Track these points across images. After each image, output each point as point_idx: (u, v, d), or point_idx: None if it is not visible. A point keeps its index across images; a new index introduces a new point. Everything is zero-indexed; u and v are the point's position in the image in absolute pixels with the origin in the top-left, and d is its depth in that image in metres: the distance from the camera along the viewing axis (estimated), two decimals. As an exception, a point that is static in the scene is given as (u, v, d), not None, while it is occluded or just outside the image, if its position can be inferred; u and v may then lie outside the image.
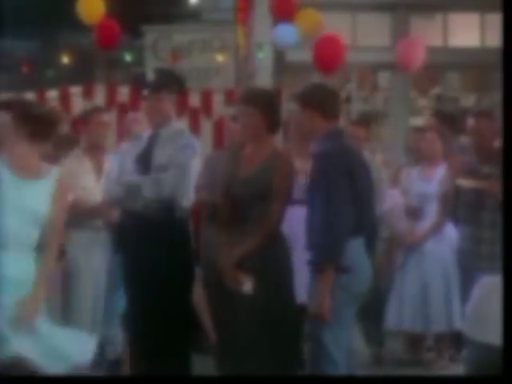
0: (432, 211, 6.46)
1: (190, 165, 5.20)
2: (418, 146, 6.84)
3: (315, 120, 4.61)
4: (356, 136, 6.29)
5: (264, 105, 4.73)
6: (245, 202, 4.67)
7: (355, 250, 4.46)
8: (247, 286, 4.60)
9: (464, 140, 6.41)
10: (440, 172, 6.51)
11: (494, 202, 5.21)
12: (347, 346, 4.57)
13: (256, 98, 4.77)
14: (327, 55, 8.00)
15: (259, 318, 4.59)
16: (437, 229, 6.45)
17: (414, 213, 6.52)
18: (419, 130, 7.24)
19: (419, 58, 8.14)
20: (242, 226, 4.66)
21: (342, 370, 4.46)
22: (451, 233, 6.46)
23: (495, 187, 5.09)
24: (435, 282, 6.42)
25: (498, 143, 5.45)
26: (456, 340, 6.46)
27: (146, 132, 5.49)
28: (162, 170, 5.20)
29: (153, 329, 5.19)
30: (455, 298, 6.31)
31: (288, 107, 6.54)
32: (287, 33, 8.73)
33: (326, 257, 4.36)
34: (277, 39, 8.92)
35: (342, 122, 5.37)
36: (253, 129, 4.73)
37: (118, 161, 5.58)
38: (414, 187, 6.57)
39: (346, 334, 4.55)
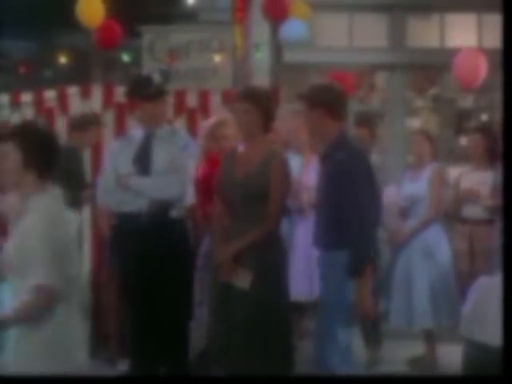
0: (420, 211, 6.49)
1: (189, 166, 5.22)
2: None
3: (324, 120, 4.64)
4: (361, 137, 6.35)
5: (260, 103, 4.73)
6: (242, 202, 4.67)
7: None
8: (244, 281, 4.60)
9: None
10: (427, 173, 6.56)
11: None
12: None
13: (252, 96, 4.78)
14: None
15: (253, 316, 4.59)
16: (422, 228, 6.46)
17: (402, 213, 6.58)
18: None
19: (480, 72, 7.50)
20: (240, 225, 4.67)
21: (351, 368, 4.51)
22: (441, 232, 6.49)
23: None
24: (421, 279, 6.44)
25: None
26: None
27: (136, 132, 5.48)
28: (163, 171, 5.21)
29: (153, 328, 5.20)
30: (441, 295, 6.35)
31: (286, 108, 6.54)
32: (295, 29, 8.72)
33: (367, 260, 4.43)
34: (284, 35, 8.90)
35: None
36: (248, 126, 4.73)
37: (111, 161, 5.53)
38: (404, 188, 6.62)
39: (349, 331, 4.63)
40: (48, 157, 3.61)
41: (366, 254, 4.48)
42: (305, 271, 6.43)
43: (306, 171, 6.35)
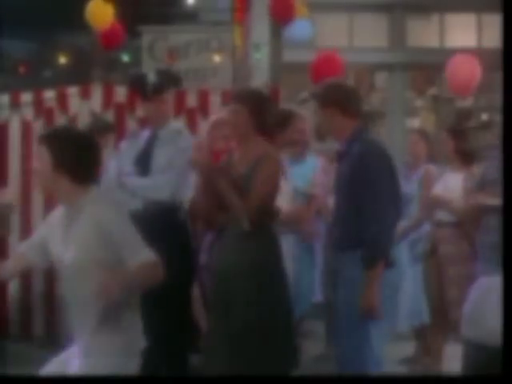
0: (412, 211, 6.46)
1: (188, 166, 5.21)
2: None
3: (337, 118, 4.61)
4: None
5: (252, 104, 4.70)
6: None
7: (395, 245, 4.58)
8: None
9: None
10: (420, 173, 6.54)
11: None
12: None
13: (244, 97, 4.77)
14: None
15: (252, 316, 4.59)
16: (414, 229, 6.44)
17: None
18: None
19: (471, 78, 7.31)
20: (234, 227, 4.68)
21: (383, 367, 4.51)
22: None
23: None
24: (408, 279, 6.44)
25: None
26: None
27: (144, 132, 5.49)
28: (162, 171, 5.21)
29: (151, 329, 5.20)
30: (421, 295, 6.37)
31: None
32: (301, 29, 8.74)
33: (381, 253, 4.39)
34: (289, 36, 8.91)
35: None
36: (240, 127, 4.72)
37: (116, 161, 5.57)
38: None
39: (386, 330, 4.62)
40: (80, 160, 3.61)
41: (380, 246, 4.43)
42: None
43: (316, 175, 6.32)
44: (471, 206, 6.14)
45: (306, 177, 6.07)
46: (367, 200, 4.44)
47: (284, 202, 5.52)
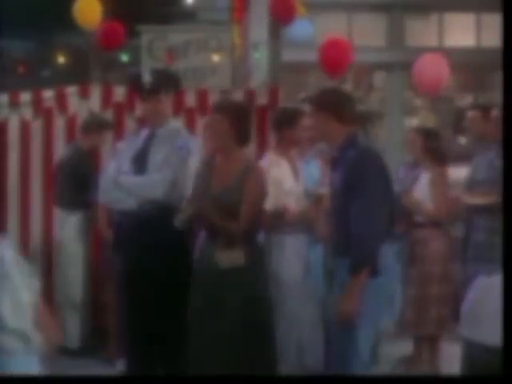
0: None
1: (184, 166, 5.19)
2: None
3: (330, 123, 4.59)
4: None
5: (233, 114, 4.73)
6: (216, 215, 4.67)
7: (388, 252, 4.52)
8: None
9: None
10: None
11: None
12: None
13: (225, 107, 4.81)
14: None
15: (234, 319, 4.62)
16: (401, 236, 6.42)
17: None
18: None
19: (438, 77, 7.41)
20: (216, 238, 4.70)
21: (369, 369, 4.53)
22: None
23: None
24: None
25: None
26: None
27: (143, 131, 5.49)
28: (157, 170, 5.21)
29: (150, 329, 5.20)
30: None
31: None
32: (303, 28, 8.77)
33: (366, 260, 4.37)
34: (293, 35, 8.95)
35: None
36: (220, 137, 4.73)
37: (115, 159, 5.57)
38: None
39: (374, 334, 4.61)
40: None
41: (366, 253, 4.38)
42: None
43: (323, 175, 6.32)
44: (440, 209, 6.16)
45: (313, 177, 6.07)
46: (357, 206, 4.42)
47: (292, 202, 5.53)
